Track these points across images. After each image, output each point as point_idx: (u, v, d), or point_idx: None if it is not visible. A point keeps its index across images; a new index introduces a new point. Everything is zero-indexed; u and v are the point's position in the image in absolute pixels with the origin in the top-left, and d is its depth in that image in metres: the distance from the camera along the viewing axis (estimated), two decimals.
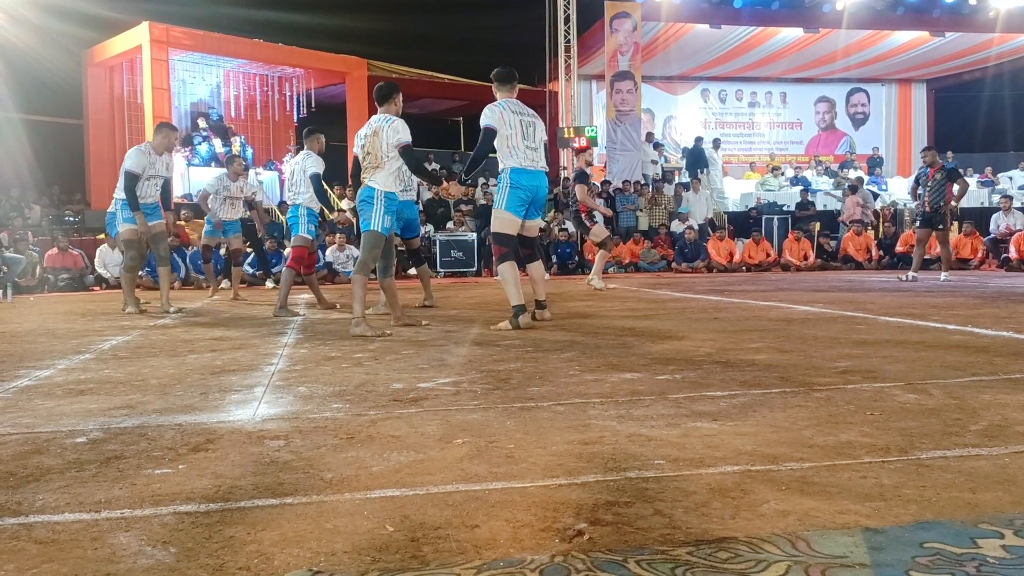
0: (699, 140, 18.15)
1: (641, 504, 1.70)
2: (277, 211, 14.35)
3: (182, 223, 13.29)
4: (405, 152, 5.09)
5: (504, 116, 5.20)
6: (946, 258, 10.32)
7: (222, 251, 12.26)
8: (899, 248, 14.20)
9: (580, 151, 9.80)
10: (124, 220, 7.04)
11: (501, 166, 5.29)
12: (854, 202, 15.61)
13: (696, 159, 17.52)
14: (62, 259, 11.91)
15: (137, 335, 5.34)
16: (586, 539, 1.51)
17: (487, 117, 5.22)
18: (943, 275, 9.96)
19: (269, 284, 11.33)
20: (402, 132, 5.10)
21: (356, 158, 5.33)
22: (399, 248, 7.14)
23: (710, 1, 17.77)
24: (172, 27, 15.12)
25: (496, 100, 5.38)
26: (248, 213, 9.43)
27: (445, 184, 5.53)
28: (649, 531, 1.55)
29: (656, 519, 1.61)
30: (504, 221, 5.31)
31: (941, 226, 9.99)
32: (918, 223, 10.31)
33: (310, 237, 6.85)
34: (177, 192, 15.09)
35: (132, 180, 6.82)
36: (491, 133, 5.19)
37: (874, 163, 20.16)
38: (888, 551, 1.42)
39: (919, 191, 10.15)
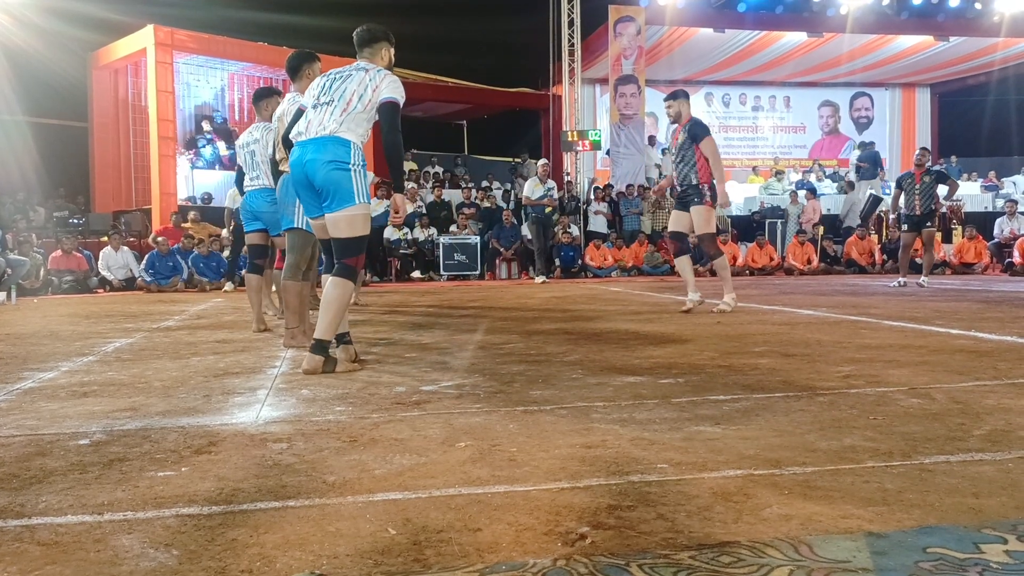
0: (872, 144, 18.12)
1: (644, 508, 1.70)
2: None
3: (187, 225, 13.32)
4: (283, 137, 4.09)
5: (314, 83, 3.85)
6: (928, 262, 10.22)
7: (225, 253, 12.31)
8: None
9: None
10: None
11: None
12: (812, 208, 15.66)
13: (874, 161, 17.51)
14: (66, 261, 11.94)
15: (140, 337, 5.35)
16: (588, 543, 1.51)
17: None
18: (923, 278, 9.89)
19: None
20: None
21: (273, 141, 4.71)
22: (405, 250, 6.91)
23: (714, 5, 17.79)
24: (177, 30, 15.14)
25: None
26: None
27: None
28: (652, 535, 1.54)
29: (659, 523, 1.61)
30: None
31: (929, 223, 9.91)
32: (905, 227, 10.19)
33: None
34: (181, 195, 15.14)
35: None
36: (298, 114, 3.84)
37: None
38: (891, 556, 1.42)
39: (902, 197, 10.01)
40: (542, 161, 12.95)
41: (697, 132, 6.39)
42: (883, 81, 22.02)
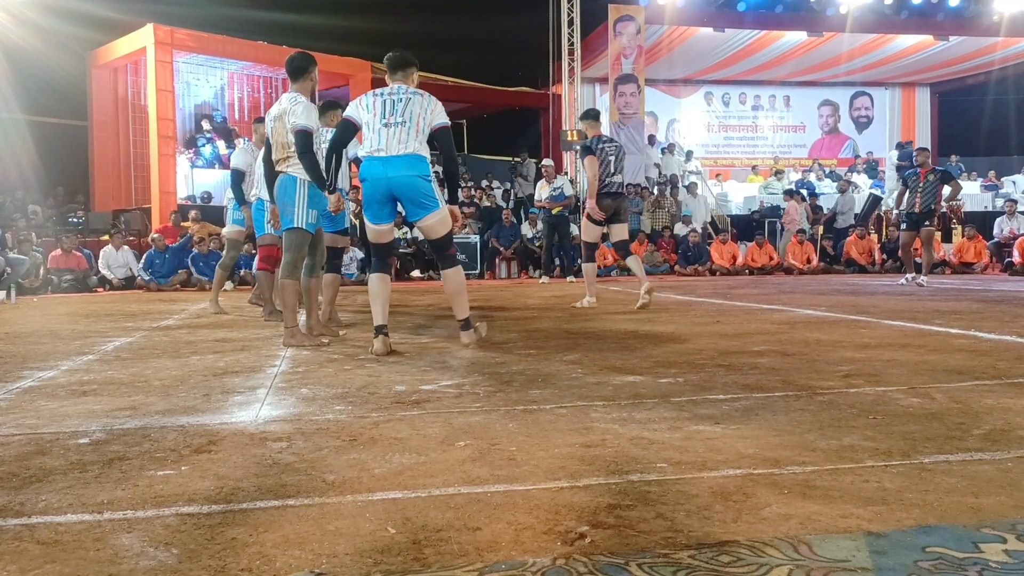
0: (909, 143, 17.97)
1: (643, 507, 1.70)
2: None
3: (187, 224, 13.31)
4: (298, 137, 4.44)
5: (363, 101, 4.31)
6: (928, 261, 10.21)
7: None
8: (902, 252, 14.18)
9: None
10: (234, 221, 7.17)
11: None
12: (795, 208, 15.65)
13: (913, 159, 17.41)
14: (66, 260, 11.93)
15: (140, 336, 5.35)
16: (588, 542, 1.51)
17: (346, 109, 4.42)
18: (922, 277, 9.87)
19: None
20: (301, 116, 4.47)
21: (267, 140, 4.79)
22: (407, 249, 6.84)
23: (714, 4, 17.78)
24: (176, 29, 15.13)
25: None
26: None
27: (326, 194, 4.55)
28: (651, 534, 1.54)
29: (658, 522, 1.61)
30: (366, 226, 4.45)
31: (928, 223, 9.91)
32: (904, 225, 10.19)
33: (278, 235, 6.58)
34: (181, 194, 15.13)
35: (238, 176, 6.89)
36: (345, 125, 4.31)
37: (870, 167, 20.14)
38: (890, 555, 1.42)
39: (906, 195, 10.03)
40: (545, 161, 12.93)
41: (583, 153, 7.07)
42: (883, 80, 22.01)
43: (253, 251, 11.53)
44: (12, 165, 15.15)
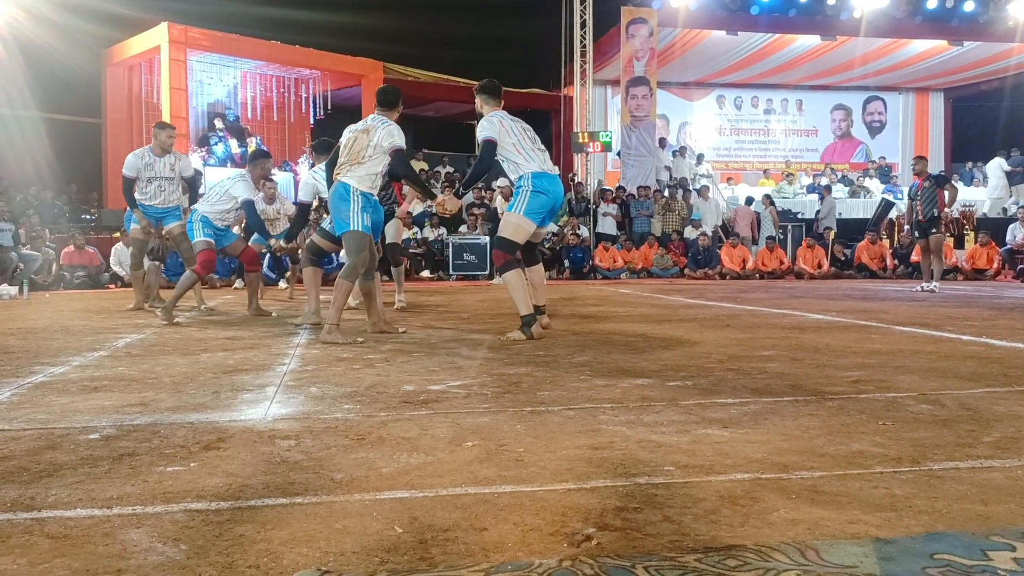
0: (1015, 150, 17.72)
1: (650, 510, 1.70)
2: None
3: None
4: (398, 155, 4.86)
5: (504, 124, 4.97)
6: (936, 267, 10.11)
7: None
8: (914, 258, 14.10)
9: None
10: (132, 221, 7.48)
11: (518, 173, 4.94)
12: (742, 213, 15.62)
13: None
14: (79, 257, 12.00)
15: (151, 333, 5.38)
16: (594, 544, 1.51)
17: (486, 129, 4.95)
18: (934, 283, 9.81)
19: (283, 284, 11.38)
20: (397, 136, 4.86)
21: (337, 148, 5.04)
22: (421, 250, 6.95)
23: (727, 8, 17.72)
24: (191, 28, 15.20)
25: (485, 113, 5.15)
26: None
27: (441, 199, 5.24)
28: (658, 537, 1.54)
29: (665, 525, 1.61)
30: (518, 227, 4.91)
31: (934, 230, 9.89)
32: (916, 234, 10.20)
33: (211, 240, 6.51)
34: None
35: (126, 182, 7.11)
36: (493, 145, 4.92)
37: (882, 172, 20.05)
38: (898, 562, 1.42)
39: (912, 204, 10.06)
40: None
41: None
42: (896, 85, 21.91)
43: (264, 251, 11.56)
44: (27, 162, 15.24)
